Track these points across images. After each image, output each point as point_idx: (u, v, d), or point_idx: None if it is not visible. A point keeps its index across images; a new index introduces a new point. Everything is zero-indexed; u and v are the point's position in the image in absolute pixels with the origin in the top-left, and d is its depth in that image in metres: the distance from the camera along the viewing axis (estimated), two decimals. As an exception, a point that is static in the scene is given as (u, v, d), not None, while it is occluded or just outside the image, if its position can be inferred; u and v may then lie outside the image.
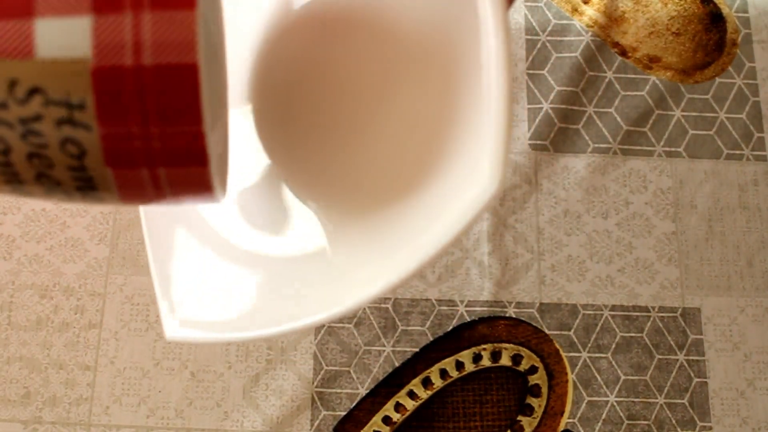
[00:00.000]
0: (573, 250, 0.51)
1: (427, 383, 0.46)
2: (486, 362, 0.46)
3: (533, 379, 0.46)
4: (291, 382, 0.48)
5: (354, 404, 0.47)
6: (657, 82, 0.55)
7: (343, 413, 0.47)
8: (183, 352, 0.49)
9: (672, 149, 0.53)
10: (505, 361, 0.47)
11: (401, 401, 0.46)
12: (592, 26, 0.55)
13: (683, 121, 0.54)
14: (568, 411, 0.47)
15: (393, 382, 0.47)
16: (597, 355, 0.49)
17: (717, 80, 0.55)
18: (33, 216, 0.51)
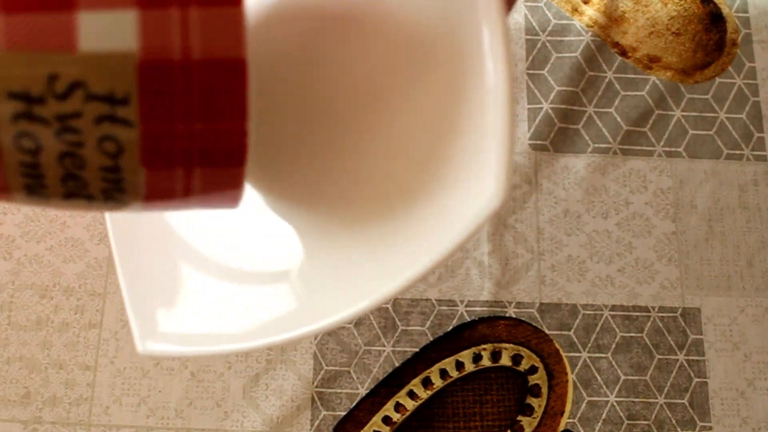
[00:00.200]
0: (573, 250, 0.51)
1: (427, 383, 0.46)
2: (486, 362, 0.46)
3: (533, 379, 0.46)
4: (291, 382, 0.48)
5: (354, 404, 0.47)
6: (657, 82, 0.55)
7: (343, 413, 0.47)
8: (183, 352, 0.49)
9: (672, 149, 0.53)
10: (505, 361, 0.47)
11: (401, 401, 0.46)
12: (592, 26, 0.55)
13: (683, 121, 0.54)
14: (568, 411, 0.47)
15: (393, 382, 0.47)
16: (597, 355, 0.49)
17: (717, 80, 0.55)
18: (33, 216, 0.51)
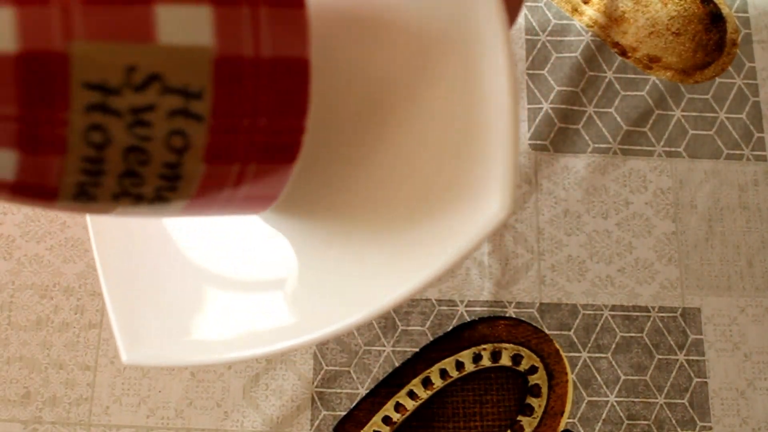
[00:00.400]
0: (573, 250, 0.51)
1: (427, 383, 0.46)
2: (486, 362, 0.46)
3: (533, 379, 0.46)
4: (291, 382, 0.48)
5: (354, 404, 0.47)
6: (657, 82, 0.55)
7: (343, 413, 0.47)
8: (183, 352, 0.49)
9: (672, 149, 0.53)
10: (505, 361, 0.47)
11: (401, 401, 0.46)
12: (592, 26, 0.55)
13: (683, 121, 0.54)
14: (568, 411, 0.47)
15: (393, 382, 0.47)
16: (597, 355, 0.49)
17: (717, 80, 0.55)
18: (33, 216, 0.51)
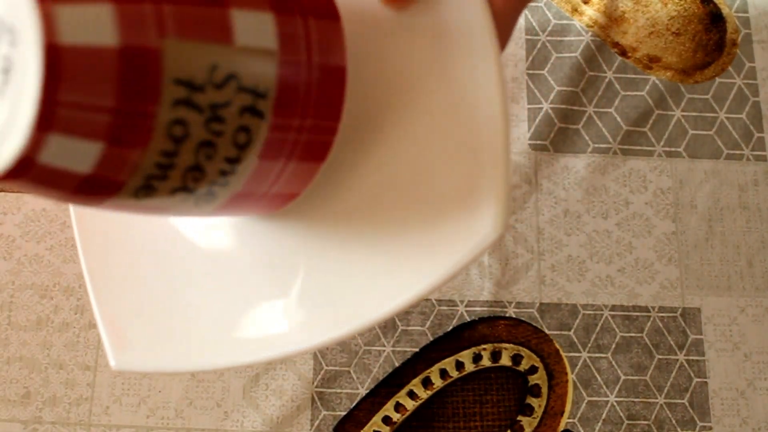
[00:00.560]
0: (573, 250, 0.51)
1: (427, 383, 0.46)
2: (486, 362, 0.46)
3: (533, 379, 0.46)
4: (291, 382, 0.48)
5: (354, 404, 0.47)
6: (657, 82, 0.55)
7: (343, 413, 0.47)
8: (183, 352, 0.49)
9: (672, 149, 0.53)
10: (505, 361, 0.47)
11: (401, 401, 0.46)
12: (592, 26, 0.55)
13: (683, 121, 0.54)
14: (568, 411, 0.47)
15: (393, 382, 0.47)
16: (597, 355, 0.49)
17: (717, 80, 0.55)
18: (33, 216, 0.51)
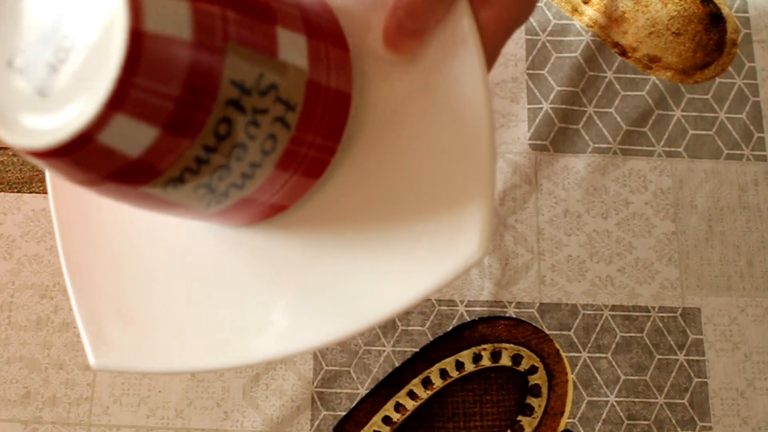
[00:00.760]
0: (573, 250, 0.51)
1: (427, 383, 0.46)
2: (486, 362, 0.46)
3: (533, 379, 0.46)
4: (291, 382, 0.48)
5: (354, 404, 0.47)
6: (657, 82, 0.55)
7: (343, 413, 0.47)
8: (183, 352, 0.49)
9: (672, 149, 0.53)
10: (505, 361, 0.47)
11: (401, 401, 0.46)
12: (592, 26, 0.55)
13: (683, 121, 0.54)
14: (568, 411, 0.47)
15: (393, 382, 0.47)
16: (597, 355, 0.49)
17: (717, 80, 0.55)
18: (33, 216, 0.51)
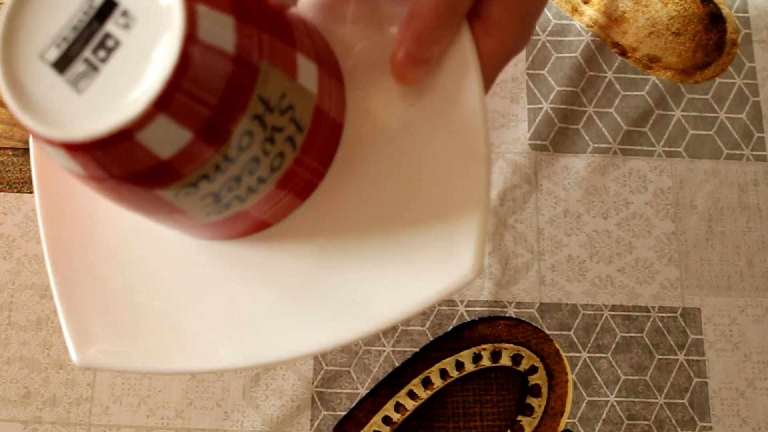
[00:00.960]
0: (573, 250, 0.51)
1: (427, 383, 0.46)
2: (486, 362, 0.46)
3: (533, 379, 0.46)
4: (291, 382, 0.48)
5: (354, 404, 0.47)
6: (657, 82, 0.55)
7: (343, 413, 0.47)
8: (183, 352, 0.49)
9: (672, 149, 0.53)
10: (505, 361, 0.47)
11: (401, 401, 0.46)
12: (592, 26, 0.55)
13: (683, 121, 0.54)
14: (568, 411, 0.47)
15: (393, 382, 0.47)
16: (597, 355, 0.49)
17: (717, 80, 0.55)
18: (33, 216, 0.51)
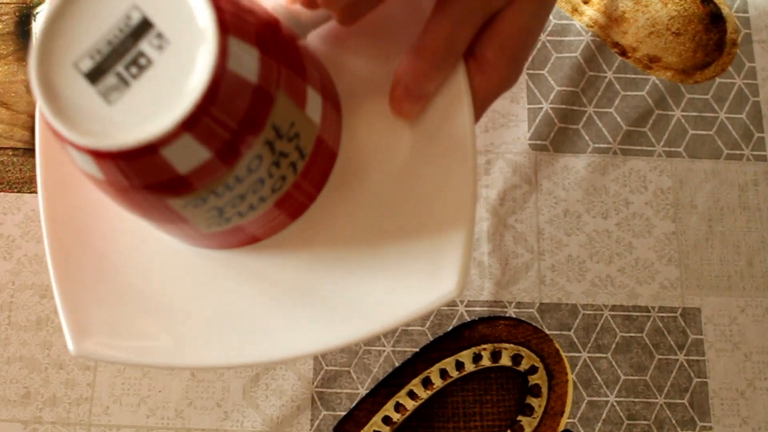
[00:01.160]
0: (573, 250, 0.51)
1: (427, 383, 0.46)
2: (486, 362, 0.46)
3: (533, 379, 0.46)
4: (291, 382, 0.48)
5: (354, 404, 0.47)
6: (657, 82, 0.55)
7: (343, 413, 0.47)
8: (183, 352, 0.49)
9: (672, 149, 0.53)
10: (505, 361, 0.47)
11: (401, 401, 0.46)
12: (592, 26, 0.55)
13: (683, 121, 0.54)
14: (568, 411, 0.47)
15: (393, 382, 0.47)
16: (597, 355, 0.49)
17: (717, 80, 0.55)
18: (33, 216, 0.51)
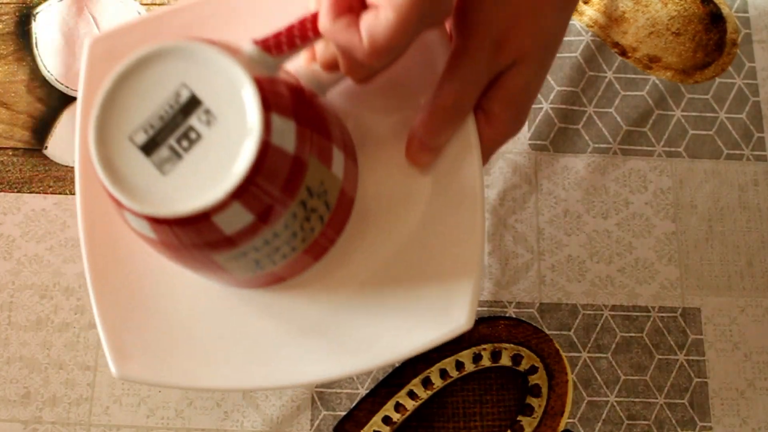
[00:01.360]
0: (573, 250, 0.51)
1: (427, 383, 0.46)
2: (486, 362, 0.46)
3: (533, 379, 0.46)
4: (291, 382, 0.48)
5: (354, 404, 0.47)
6: (657, 82, 0.55)
7: (343, 413, 0.47)
8: (183, 352, 0.49)
9: (672, 149, 0.53)
10: (505, 361, 0.46)
11: (401, 401, 0.46)
12: (592, 26, 0.55)
13: (683, 121, 0.54)
14: (568, 411, 0.47)
15: (393, 382, 0.47)
16: (597, 355, 0.49)
17: (717, 80, 0.55)
18: (33, 216, 0.51)
